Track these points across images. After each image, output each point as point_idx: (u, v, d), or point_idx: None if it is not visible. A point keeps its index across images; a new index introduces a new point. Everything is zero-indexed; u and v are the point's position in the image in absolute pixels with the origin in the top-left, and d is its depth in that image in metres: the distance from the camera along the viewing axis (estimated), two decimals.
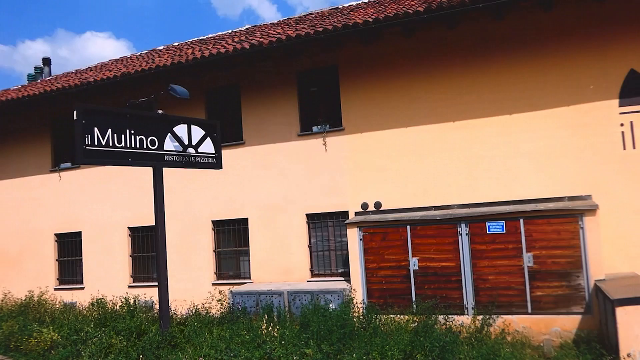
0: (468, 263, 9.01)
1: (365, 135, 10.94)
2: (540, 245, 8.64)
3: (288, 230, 11.37)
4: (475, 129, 10.06)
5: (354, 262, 9.83)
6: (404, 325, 8.02)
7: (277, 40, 10.55)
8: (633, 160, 9.09)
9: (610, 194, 9.09)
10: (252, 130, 11.94)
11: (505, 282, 8.78)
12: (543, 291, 8.56)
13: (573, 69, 9.49)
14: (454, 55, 10.27)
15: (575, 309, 8.37)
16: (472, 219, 9.07)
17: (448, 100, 10.29)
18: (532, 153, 9.66)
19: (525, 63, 9.78)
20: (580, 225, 8.43)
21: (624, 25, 9.19)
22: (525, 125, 9.75)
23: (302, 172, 11.36)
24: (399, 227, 9.58)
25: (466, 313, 8.91)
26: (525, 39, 9.77)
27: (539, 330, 8.45)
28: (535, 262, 8.63)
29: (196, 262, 12.11)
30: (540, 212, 8.71)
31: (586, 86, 9.43)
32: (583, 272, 8.37)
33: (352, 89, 11.10)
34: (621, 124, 9.21)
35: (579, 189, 9.24)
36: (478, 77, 10.09)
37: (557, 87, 9.58)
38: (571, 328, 8.32)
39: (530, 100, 9.72)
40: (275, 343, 7.11)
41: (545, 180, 9.53)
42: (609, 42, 9.29)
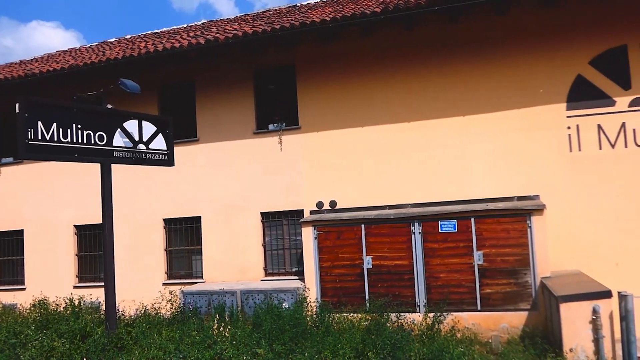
0: (421, 261, 9.12)
1: (321, 134, 10.92)
2: (490, 243, 8.83)
3: (242, 229, 11.21)
4: (430, 130, 10.20)
5: (308, 260, 9.78)
6: (357, 324, 8.02)
7: (233, 36, 10.38)
8: (579, 162, 9.42)
9: (557, 194, 9.39)
10: (207, 128, 11.71)
11: (456, 280, 8.93)
12: (492, 288, 8.76)
13: (525, 73, 9.76)
14: (410, 56, 10.38)
15: (523, 305, 8.60)
16: (425, 218, 9.19)
17: (404, 100, 10.39)
18: (484, 154, 9.88)
19: (479, 65, 9.99)
20: (528, 224, 8.67)
21: (572, 32, 9.52)
22: (478, 127, 9.95)
23: (258, 171, 11.23)
24: (353, 225, 9.59)
25: (418, 311, 9.02)
26: (481, 42, 9.98)
27: (487, 326, 8.63)
28: (485, 260, 8.82)
29: (146, 262, 11.77)
30: (490, 212, 8.91)
31: (536, 90, 9.71)
32: (530, 269, 8.62)
33: (310, 88, 11.06)
34: (568, 127, 9.53)
35: (528, 189, 9.51)
36: (434, 78, 10.24)
37: (510, 90, 9.83)
38: (518, 324, 8.54)
39: (484, 102, 9.94)
40: (227, 343, 6.96)
41: (496, 181, 9.76)
42: (558, 47, 9.60)
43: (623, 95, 9.25)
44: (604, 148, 9.30)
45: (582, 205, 9.32)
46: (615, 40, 9.33)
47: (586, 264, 9.07)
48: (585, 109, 9.40)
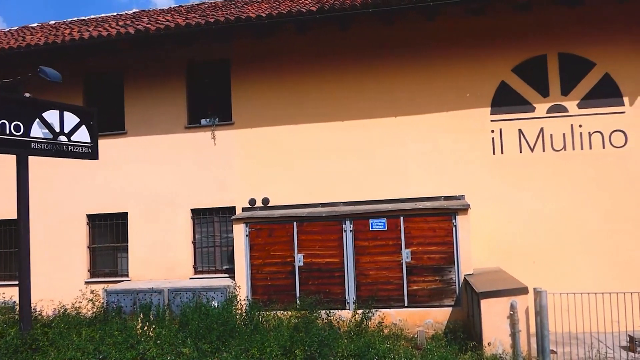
0: (351, 259, 9.23)
1: (256, 131, 10.81)
2: (417, 241, 9.09)
3: (171, 225, 10.90)
4: (364, 129, 10.35)
5: (239, 258, 9.66)
6: (287, 322, 8.00)
7: (165, 27, 10.07)
8: (501, 164, 9.88)
9: (481, 194, 9.80)
10: (136, 120, 11.29)
11: (385, 277, 9.13)
12: (419, 285, 9.02)
13: (453, 77, 10.12)
14: (346, 55, 10.48)
15: (447, 301, 8.92)
16: (356, 216, 9.31)
17: (339, 99, 10.49)
18: (415, 154, 10.15)
19: (412, 68, 10.25)
20: (454, 223, 9.00)
21: (497, 40, 9.96)
22: (410, 128, 10.21)
23: (189, 166, 10.96)
24: (285, 223, 9.57)
25: (348, 308, 9.12)
26: (413, 46, 10.24)
27: (414, 322, 8.88)
28: (413, 258, 9.06)
29: (68, 259, 11.19)
30: (418, 211, 9.17)
31: (464, 94, 10.09)
32: (455, 267, 8.95)
33: (244, 83, 10.92)
34: (492, 131, 9.98)
35: (455, 189, 9.86)
36: (368, 79, 10.40)
37: (439, 93, 10.15)
38: (443, 320, 8.85)
39: (416, 104, 10.21)
40: (150, 343, 6.74)
41: (425, 181, 10.05)
42: (484, 54, 10.02)
43: (542, 102, 9.80)
44: (524, 151, 9.81)
45: (503, 205, 9.77)
46: (536, 50, 9.86)
47: (506, 261, 9.53)
48: (508, 113, 9.88)
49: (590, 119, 9.64)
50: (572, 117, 9.71)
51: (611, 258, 9.36)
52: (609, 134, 9.57)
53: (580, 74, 9.71)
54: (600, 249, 9.42)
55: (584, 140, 9.65)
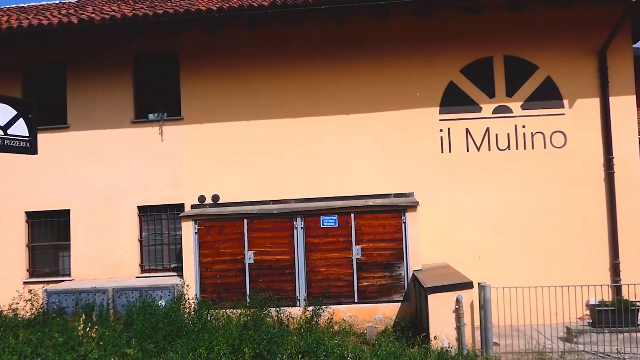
0: (302, 256, 9.22)
1: (206, 127, 10.61)
2: (368, 238, 9.18)
3: (117, 223, 10.54)
4: (315, 126, 10.35)
5: (187, 256, 9.47)
6: (236, 320, 7.90)
7: (110, 18, 9.70)
8: (449, 162, 10.11)
9: (429, 192, 10.00)
10: (79, 114, 10.84)
11: (336, 274, 9.17)
12: (369, 281, 9.11)
13: (404, 77, 10.26)
14: (298, 52, 10.43)
15: (396, 297, 9.06)
16: (307, 213, 9.31)
17: (291, 96, 10.43)
18: (366, 152, 10.23)
19: (363, 66, 10.32)
20: (403, 220, 9.15)
21: (447, 41, 10.17)
22: (361, 126, 10.28)
23: (136, 162, 10.63)
24: (236, 220, 9.45)
25: (298, 305, 9.11)
26: (365, 44, 10.31)
27: (363, 318, 8.97)
28: (363, 255, 9.15)
29: (4, 259, 10.63)
30: (369, 208, 9.27)
31: (414, 93, 10.25)
32: (404, 263, 9.09)
33: (194, 78, 10.68)
34: (441, 130, 10.19)
35: (405, 186, 10.02)
36: (321, 76, 10.39)
37: (390, 92, 10.27)
38: (391, 315, 8.98)
39: (367, 102, 10.29)
40: (93, 344, 6.50)
41: (376, 178, 10.15)
42: (434, 54, 10.21)
43: (488, 103, 10.09)
44: (471, 150, 10.07)
45: (451, 202, 10.01)
46: (483, 52, 10.14)
47: (453, 257, 9.77)
48: (456, 113, 10.12)
49: (532, 120, 10.01)
50: (516, 117, 10.05)
51: (551, 253, 9.75)
52: (549, 134, 9.96)
53: (524, 76, 10.06)
54: (541, 245, 9.80)
55: (527, 140, 10.01)
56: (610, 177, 9.70)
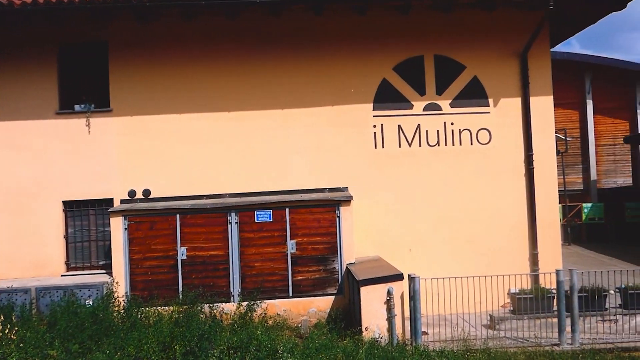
0: (236, 251, 9.17)
1: (137, 119, 10.28)
2: (302, 232, 9.26)
3: (40, 219, 10.02)
4: (251, 120, 10.28)
5: (117, 253, 9.17)
6: (168, 317, 7.75)
7: (32, 3, 9.17)
8: (381, 158, 10.36)
9: (363, 186, 10.20)
10: (0, 104, 10.21)
11: (271, 269, 9.19)
12: (303, 275, 9.20)
13: (339, 72, 10.38)
14: (234, 45, 10.31)
15: (330, 290, 9.20)
16: (242, 207, 9.25)
17: (225, 89, 10.30)
18: (301, 146, 10.28)
19: (299, 62, 10.34)
20: (337, 214, 9.29)
21: (381, 39, 10.38)
22: (297, 120, 10.32)
23: (61, 155, 10.13)
24: (168, 215, 9.25)
25: (232, 300, 9.06)
26: (301, 39, 10.33)
27: (298, 312, 9.05)
28: (298, 249, 9.21)
29: None
30: (303, 202, 9.34)
31: (349, 89, 10.40)
32: (338, 256, 9.25)
33: (125, 68, 10.30)
34: (374, 126, 10.41)
35: (339, 181, 10.17)
36: (257, 70, 10.32)
37: (326, 88, 10.36)
38: (326, 308, 9.12)
39: (303, 97, 10.33)
40: (12, 347, 6.17)
41: (311, 173, 10.23)
42: (368, 51, 10.39)
43: (419, 100, 10.41)
44: (402, 146, 10.37)
45: (383, 197, 10.27)
46: (415, 51, 10.44)
47: (386, 250, 10.04)
48: (389, 110, 10.37)
49: (460, 118, 10.43)
50: (445, 115, 10.43)
51: (477, 245, 10.23)
52: (476, 131, 10.42)
53: (453, 75, 10.45)
54: (468, 237, 10.26)
55: (455, 137, 10.42)
56: (530, 172, 10.29)
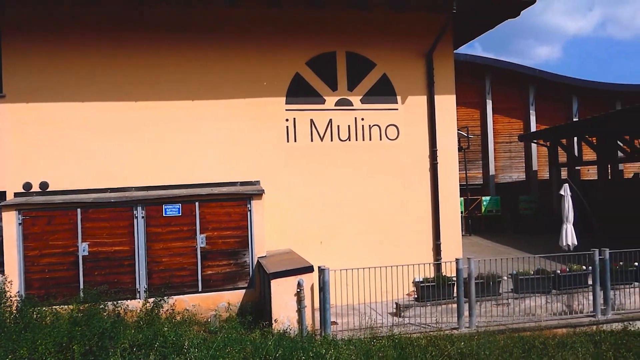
0: (143, 246, 8.85)
1: (34, 106, 9.58)
2: (213, 226, 9.12)
3: None
4: (160, 111, 9.93)
5: (10, 249, 8.52)
6: (67, 316, 7.33)
7: None
8: (294, 151, 10.43)
9: (275, 180, 10.22)
10: None
11: (179, 264, 8.97)
12: (214, 270, 9.07)
13: (253, 65, 10.30)
14: (142, 34, 9.88)
15: (241, 284, 9.15)
16: (149, 201, 8.94)
17: (133, 78, 9.86)
18: (213, 139, 10.09)
19: (213, 52, 10.14)
20: (249, 208, 9.25)
21: (295, 32, 10.42)
22: (208, 113, 10.11)
23: None
24: (68, 210, 8.74)
25: (139, 297, 8.75)
26: (214, 30, 10.12)
27: (208, 306, 8.92)
28: (208, 243, 9.07)
29: None
30: (214, 196, 9.20)
31: (262, 82, 10.35)
32: (249, 250, 9.21)
33: (20, 52, 9.54)
34: (287, 120, 10.46)
35: (251, 175, 10.12)
36: (167, 59, 9.97)
37: (239, 80, 10.25)
38: (237, 302, 9.06)
39: (215, 88, 10.15)
40: None
41: (223, 166, 10.09)
42: (282, 45, 10.40)
43: (331, 96, 10.60)
44: (315, 140, 10.51)
45: (295, 190, 10.36)
46: (327, 46, 10.61)
47: (298, 243, 10.15)
48: (301, 104, 10.46)
49: (370, 114, 10.75)
50: (356, 110, 10.70)
51: (385, 236, 10.62)
52: (385, 127, 10.80)
53: (364, 72, 10.74)
54: (377, 229, 10.62)
55: (365, 132, 10.73)
56: (434, 167, 10.85)
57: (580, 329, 8.69)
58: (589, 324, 8.85)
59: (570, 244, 12.03)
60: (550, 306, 9.34)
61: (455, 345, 7.08)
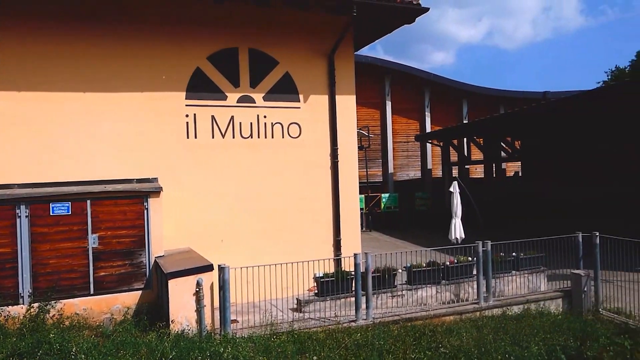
0: (27, 248, 8.22)
1: None
2: (106, 226, 8.69)
3: None
4: (49, 103, 9.21)
5: None
6: None
7: None
8: (195, 148, 10.20)
9: (175, 177, 9.93)
10: None
11: (69, 265, 8.44)
12: (107, 271, 8.64)
13: (153, 58, 9.90)
14: (31, 22, 9.08)
15: (137, 285, 8.81)
16: (34, 199, 8.32)
17: (18, 66, 9.05)
18: (107, 134, 9.56)
19: (110, 43, 9.58)
20: (146, 206, 8.92)
21: (196, 26, 10.16)
22: (103, 106, 9.56)
23: None
24: None
25: (22, 302, 8.11)
26: (112, 20, 9.56)
27: (101, 310, 8.48)
28: (101, 243, 8.63)
29: None
30: (108, 194, 8.77)
31: (161, 75, 10.00)
32: (146, 250, 8.89)
33: None
34: (187, 115, 10.19)
35: (149, 171, 9.73)
36: (60, 49, 9.25)
37: (137, 73, 9.79)
38: (132, 304, 8.71)
39: (111, 80, 9.61)
40: None
41: (119, 162, 9.60)
42: (184, 37, 10.08)
43: (233, 92, 10.50)
44: (216, 137, 10.36)
45: (196, 188, 10.14)
46: (230, 42, 10.48)
47: (199, 241, 9.92)
48: (202, 100, 10.26)
49: (273, 111, 10.80)
50: (259, 108, 10.70)
51: (286, 233, 10.73)
52: (287, 125, 10.90)
53: (266, 69, 10.75)
54: (280, 226, 10.70)
55: (268, 130, 10.76)
56: (335, 165, 11.14)
57: (466, 316, 9.38)
58: (474, 311, 9.57)
59: (458, 237, 12.90)
60: (440, 296, 9.98)
61: (352, 337, 7.35)
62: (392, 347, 7.11)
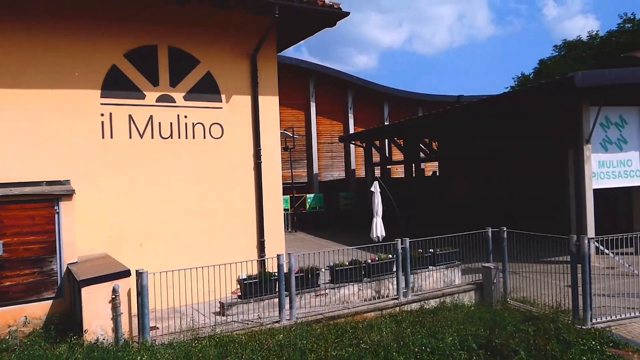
0: None
1: None
2: (12, 232, 8.15)
3: None
4: None
5: None
6: None
7: None
8: (111, 148, 9.76)
9: (89, 179, 9.45)
10: None
11: None
12: (13, 280, 8.09)
13: (66, 53, 9.35)
14: None
15: (47, 294, 8.33)
16: None
17: None
18: (13, 133, 8.92)
19: (17, 36, 8.94)
20: (56, 210, 8.46)
21: (113, 22, 9.71)
22: (8, 103, 8.91)
23: None
24: None
25: None
26: (21, 11, 8.91)
27: (5, 322, 7.92)
28: (6, 251, 8.07)
29: None
30: (14, 197, 8.23)
31: (73, 72, 9.48)
32: (57, 256, 8.42)
33: None
34: (102, 114, 9.74)
35: (60, 173, 9.19)
36: None
37: (48, 68, 9.21)
38: (42, 314, 8.21)
39: (17, 76, 8.97)
40: None
41: (25, 163, 8.97)
42: (99, 33, 9.61)
43: (152, 91, 10.17)
44: (134, 137, 9.97)
45: (112, 190, 9.70)
46: (148, 39, 10.13)
47: (116, 246, 9.52)
48: (119, 98, 9.84)
49: (194, 111, 10.57)
50: (179, 108, 10.42)
51: (209, 235, 10.52)
52: (209, 125, 10.70)
53: (187, 68, 10.49)
54: (202, 228, 10.48)
55: (189, 130, 10.52)
56: (258, 166, 11.08)
57: (386, 311, 9.67)
58: (394, 306, 9.89)
59: (379, 235, 13.29)
60: (362, 293, 10.22)
61: (275, 338, 7.36)
62: (314, 345, 7.20)
